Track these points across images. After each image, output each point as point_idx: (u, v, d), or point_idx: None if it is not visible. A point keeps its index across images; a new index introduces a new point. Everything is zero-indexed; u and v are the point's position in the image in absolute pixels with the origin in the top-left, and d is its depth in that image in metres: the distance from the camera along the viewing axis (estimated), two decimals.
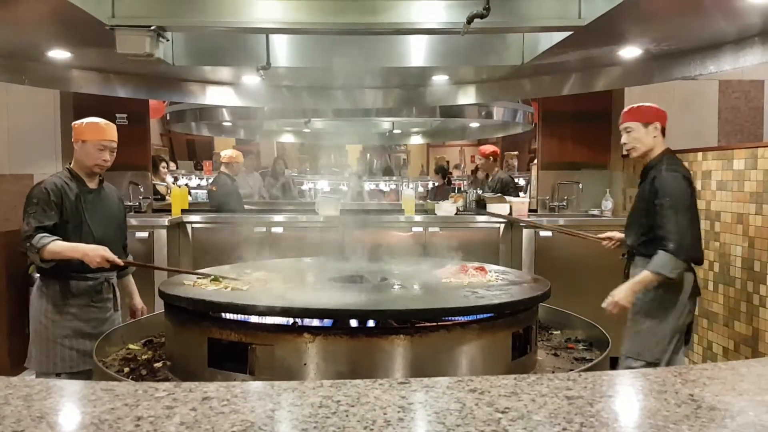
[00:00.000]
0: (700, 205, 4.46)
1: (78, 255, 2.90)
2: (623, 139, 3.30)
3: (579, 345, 2.92)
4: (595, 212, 5.76)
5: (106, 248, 2.92)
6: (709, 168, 4.40)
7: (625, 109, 3.34)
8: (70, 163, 3.23)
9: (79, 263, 2.91)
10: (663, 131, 3.25)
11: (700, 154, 4.53)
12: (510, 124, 6.84)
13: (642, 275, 3.10)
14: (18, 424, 0.96)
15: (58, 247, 2.91)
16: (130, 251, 3.47)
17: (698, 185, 4.50)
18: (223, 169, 6.46)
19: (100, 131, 3.16)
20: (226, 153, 6.61)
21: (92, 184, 3.19)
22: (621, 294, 3.14)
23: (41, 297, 3.07)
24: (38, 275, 3.12)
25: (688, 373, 1.23)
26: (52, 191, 3.02)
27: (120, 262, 2.97)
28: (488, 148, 7.08)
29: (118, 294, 3.25)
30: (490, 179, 6.81)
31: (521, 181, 8.42)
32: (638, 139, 3.22)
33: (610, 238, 3.66)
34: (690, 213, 3.11)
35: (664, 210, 3.06)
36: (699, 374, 1.23)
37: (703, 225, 4.43)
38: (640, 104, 3.29)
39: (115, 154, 3.21)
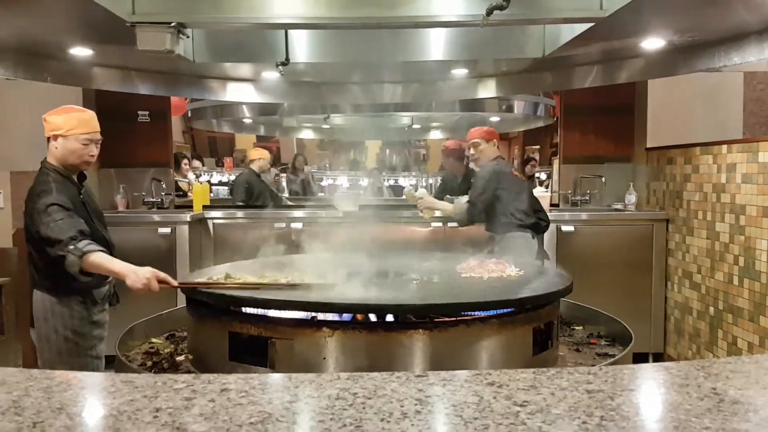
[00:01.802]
0: (726, 198, 4.39)
1: (121, 276, 2.49)
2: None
3: (601, 340, 2.89)
4: (619, 206, 5.69)
5: (154, 270, 2.50)
6: (733, 161, 4.32)
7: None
8: (44, 160, 2.80)
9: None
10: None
11: (724, 147, 4.45)
12: (531, 117, 6.78)
13: (447, 206, 4.50)
14: (38, 415, 0.97)
15: (102, 259, 2.50)
16: (153, 247, 3.46)
17: (722, 178, 4.43)
18: (251, 166, 6.53)
19: (84, 123, 2.75)
20: (254, 152, 6.68)
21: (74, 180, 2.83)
22: (430, 201, 4.57)
23: (62, 313, 2.71)
24: (42, 290, 2.73)
25: (711, 367, 1.21)
26: (66, 197, 2.66)
27: (174, 283, 2.53)
28: (451, 144, 5.97)
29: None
30: (461, 182, 5.73)
31: (542, 176, 8.33)
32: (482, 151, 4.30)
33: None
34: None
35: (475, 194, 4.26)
36: (722, 368, 1.21)
37: (728, 219, 4.37)
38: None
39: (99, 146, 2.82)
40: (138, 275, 2.45)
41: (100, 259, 2.50)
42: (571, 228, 5.16)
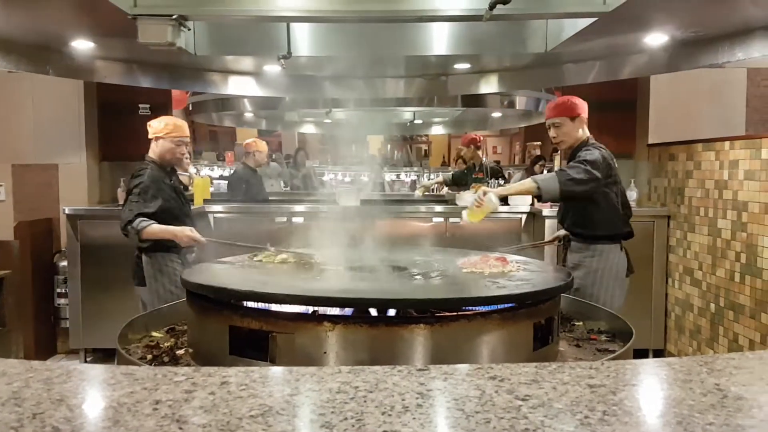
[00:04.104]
0: (728, 195, 4.38)
1: (169, 236, 3.40)
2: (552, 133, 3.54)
3: (602, 336, 2.88)
4: None
5: (192, 229, 3.44)
6: (736, 157, 4.31)
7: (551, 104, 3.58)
8: (145, 156, 3.66)
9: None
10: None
11: (727, 143, 4.44)
12: (533, 113, 6.77)
13: (523, 181, 3.44)
14: (38, 406, 0.97)
15: (154, 229, 3.39)
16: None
17: (725, 175, 4.42)
18: (247, 160, 6.42)
19: (177, 128, 3.63)
20: (251, 144, 6.41)
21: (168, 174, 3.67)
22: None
23: (168, 272, 3.51)
24: (149, 253, 3.51)
25: (714, 363, 1.20)
26: (153, 184, 3.48)
27: (204, 240, 3.42)
28: (468, 137, 6.92)
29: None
30: (477, 168, 6.57)
31: (545, 172, 8.32)
32: (567, 132, 3.49)
33: (558, 238, 3.85)
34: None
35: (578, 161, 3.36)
36: (725, 364, 1.20)
37: (730, 215, 4.36)
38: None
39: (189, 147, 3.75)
40: (183, 233, 3.41)
41: (154, 229, 3.39)
42: None
